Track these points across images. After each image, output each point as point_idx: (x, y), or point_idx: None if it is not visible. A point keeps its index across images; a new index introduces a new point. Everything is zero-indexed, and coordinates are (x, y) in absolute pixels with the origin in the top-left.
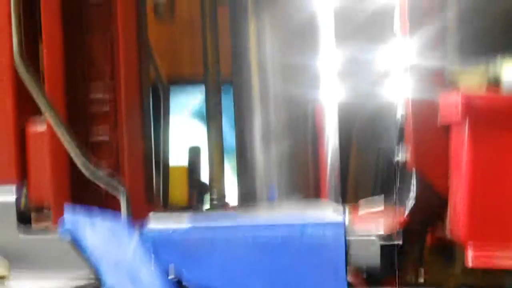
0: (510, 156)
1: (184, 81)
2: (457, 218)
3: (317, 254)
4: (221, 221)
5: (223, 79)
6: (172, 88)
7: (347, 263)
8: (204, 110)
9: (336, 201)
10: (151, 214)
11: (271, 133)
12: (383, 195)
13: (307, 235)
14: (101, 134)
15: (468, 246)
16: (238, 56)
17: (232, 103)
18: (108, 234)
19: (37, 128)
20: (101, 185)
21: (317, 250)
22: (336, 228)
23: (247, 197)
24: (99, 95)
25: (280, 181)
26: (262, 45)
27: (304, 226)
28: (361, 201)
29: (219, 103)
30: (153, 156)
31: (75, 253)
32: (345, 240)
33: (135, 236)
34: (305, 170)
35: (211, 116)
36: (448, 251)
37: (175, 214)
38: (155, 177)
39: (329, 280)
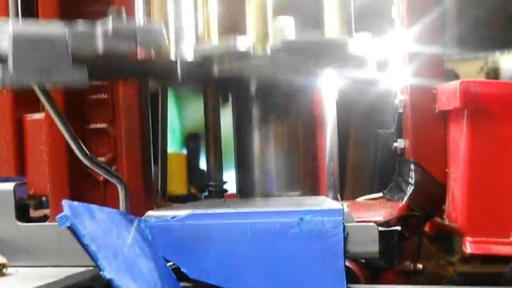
0: (510, 144)
1: None
2: (456, 206)
3: (316, 240)
4: (219, 208)
5: None
6: None
7: (345, 249)
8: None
9: (335, 194)
10: (149, 212)
11: (269, 125)
12: (382, 184)
13: (305, 221)
14: (99, 122)
15: (466, 233)
16: None
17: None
18: (107, 222)
19: (35, 117)
20: (100, 174)
21: (315, 237)
22: (335, 214)
23: (245, 191)
24: (97, 82)
25: (278, 175)
26: None
27: (302, 212)
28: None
29: (217, 92)
30: (151, 144)
31: (74, 240)
32: (344, 226)
33: (134, 224)
34: (303, 162)
35: (208, 103)
36: (447, 238)
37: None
38: (154, 165)
39: (327, 266)
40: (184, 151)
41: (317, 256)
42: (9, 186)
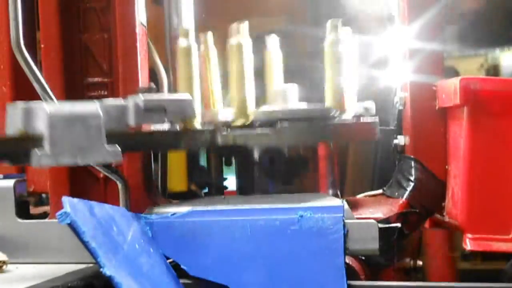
0: (509, 141)
1: None
2: (456, 203)
3: (316, 237)
4: (219, 205)
5: None
6: None
7: (345, 246)
8: None
9: (335, 191)
10: (149, 209)
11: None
12: (382, 181)
13: (305, 218)
14: None
15: (466, 230)
16: None
17: None
18: (107, 218)
19: None
20: (100, 171)
21: (315, 234)
22: (335, 211)
23: (245, 190)
24: (97, 80)
25: (278, 173)
26: None
27: (302, 209)
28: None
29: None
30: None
31: (74, 237)
32: (344, 222)
33: (134, 221)
34: (304, 160)
35: None
36: (447, 235)
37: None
38: (154, 162)
39: (327, 263)
40: None
41: (317, 253)
42: (9, 183)
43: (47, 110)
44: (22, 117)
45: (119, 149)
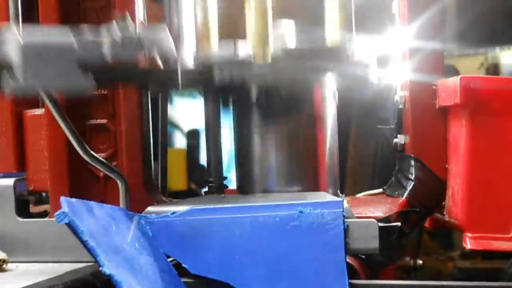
0: (510, 140)
1: None
2: (456, 202)
3: (316, 233)
4: (219, 203)
5: None
6: None
7: (346, 241)
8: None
9: (335, 190)
10: (149, 208)
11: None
12: (382, 180)
13: (305, 214)
14: (99, 118)
15: (466, 229)
16: None
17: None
18: (106, 218)
19: (35, 112)
20: (100, 169)
21: (315, 229)
22: (334, 206)
23: (246, 188)
24: None
25: (278, 171)
26: None
27: (302, 205)
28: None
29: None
30: (151, 140)
31: (73, 236)
32: (344, 217)
33: (134, 220)
34: (303, 159)
35: (208, 99)
36: (447, 234)
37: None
38: (154, 161)
39: (328, 258)
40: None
41: (317, 248)
42: (9, 181)
43: (19, 38)
44: None
45: (92, 80)
